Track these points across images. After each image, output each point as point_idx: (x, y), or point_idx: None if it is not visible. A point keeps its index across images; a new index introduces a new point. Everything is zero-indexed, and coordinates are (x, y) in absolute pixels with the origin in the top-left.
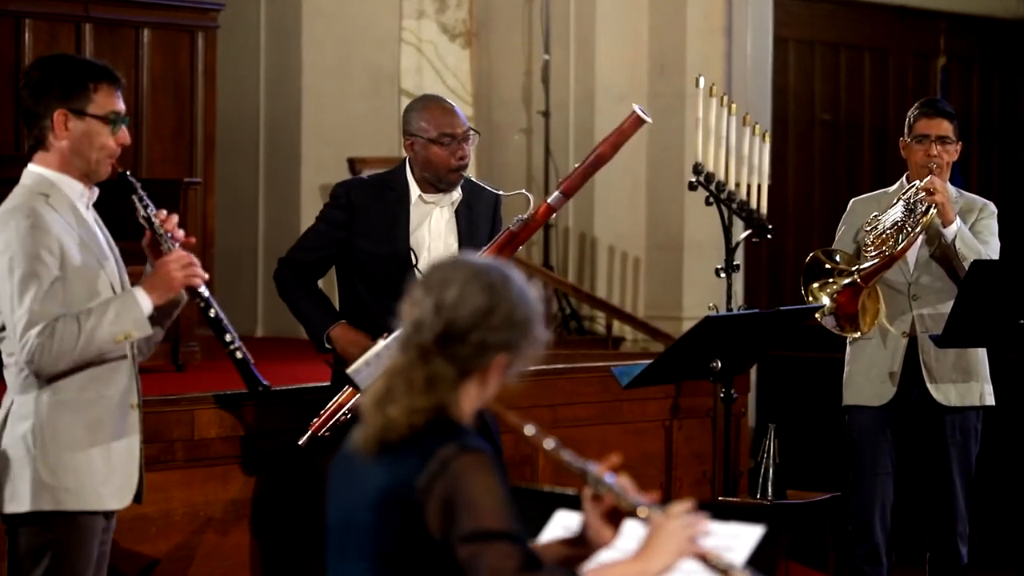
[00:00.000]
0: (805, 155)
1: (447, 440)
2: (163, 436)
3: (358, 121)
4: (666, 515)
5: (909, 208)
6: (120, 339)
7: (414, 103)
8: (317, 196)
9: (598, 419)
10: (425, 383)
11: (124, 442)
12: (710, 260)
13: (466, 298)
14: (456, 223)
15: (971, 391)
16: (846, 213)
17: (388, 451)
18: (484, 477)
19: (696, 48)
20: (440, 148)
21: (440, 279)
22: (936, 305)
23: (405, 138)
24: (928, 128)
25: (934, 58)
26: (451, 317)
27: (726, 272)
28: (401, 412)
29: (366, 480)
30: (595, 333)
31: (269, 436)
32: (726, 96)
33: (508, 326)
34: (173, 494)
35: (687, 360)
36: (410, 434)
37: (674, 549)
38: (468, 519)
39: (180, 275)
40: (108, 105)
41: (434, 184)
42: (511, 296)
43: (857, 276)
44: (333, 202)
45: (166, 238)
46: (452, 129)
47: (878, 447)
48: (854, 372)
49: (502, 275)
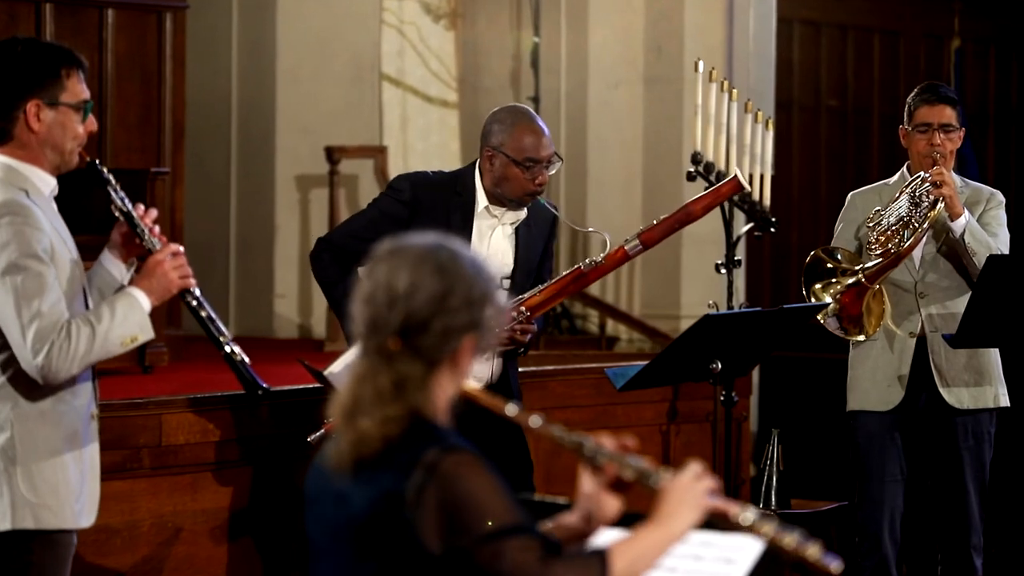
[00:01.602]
0: (811, 143)
1: (427, 445)
2: (128, 442)
3: (337, 108)
4: (675, 476)
5: (914, 202)
6: (127, 342)
7: (502, 114)
8: (292, 187)
9: (591, 423)
10: (394, 388)
11: (91, 455)
12: (710, 255)
13: (419, 285)
14: (515, 241)
15: (984, 393)
16: (845, 208)
17: (365, 467)
18: (477, 475)
19: (695, 30)
20: (521, 171)
21: (387, 270)
22: (945, 303)
23: (484, 148)
24: (930, 116)
25: (948, 40)
26: (408, 309)
27: (727, 268)
28: (373, 424)
29: (346, 500)
30: (588, 333)
31: (242, 442)
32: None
33: (469, 305)
34: (139, 504)
35: (685, 361)
36: (385, 446)
37: (692, 506)
38: (476, 521)
39: (176, 277)
40: (79, 92)
41: (503, 200)
42: (465, 273)
43: (862, 276)
44: (393, 194)
45: (149, 235)
46: (537, 154)
47: (886, 453)
48: (859, 376)
49: (450, 252)
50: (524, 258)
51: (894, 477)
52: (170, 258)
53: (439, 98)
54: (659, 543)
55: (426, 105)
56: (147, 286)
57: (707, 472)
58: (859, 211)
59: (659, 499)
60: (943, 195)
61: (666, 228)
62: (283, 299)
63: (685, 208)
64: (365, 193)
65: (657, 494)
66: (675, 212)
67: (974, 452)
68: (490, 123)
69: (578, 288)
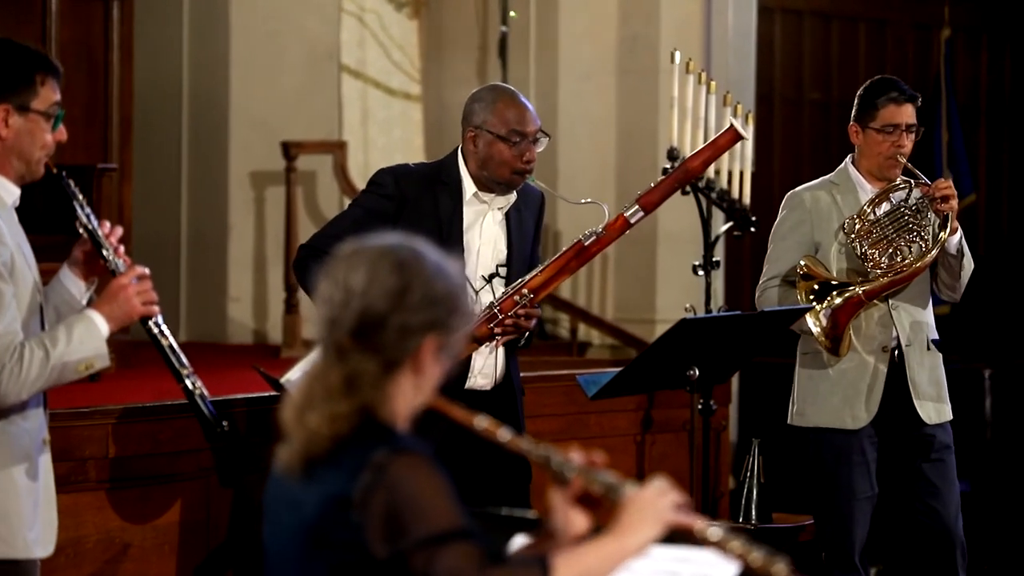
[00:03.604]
0: (793, 138)
1: (377, 445)
2: (73, 454)
3: (293, 100)
4: (640, 488)
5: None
6: (82, 369)
7: (482, 92)
8: (247, 184)
9: (562, 434)
10: (344, 384)
11: (45, 482)
12: (687, 256)
13: (376, 281)
14: (507, 226)
15: (945, 408)
16: (792, 207)
17: (315, 467)
18: (426, 477)
19: (671, 19)
20: (507, 147)
21: (345, 267)
22: (915, 315)
23: (466, 129)
24: (898, 116)
25: (937, 29)
26: (364, 304)
27: (704, 269)
28: (321, 421)
29: (296, 504)
30: (558, 338)
31: (195, 453)
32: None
33: (429, 303)
34: (85, 518)
35: (661, 368)
36: (335, 445)
37: (651, 521)
38: (417, 525)
39: (139, 303)
40: (51, 98)
41: (491, 184)
42: (425, 271)
43: (859, 290)
44: (377, 189)
45: (114, 255)
46: (523, 127)
47: (857, 470)
48: (825, 391)
49: (412, 251)
50: (518, 243)
51: (864, 494)
52: (135, 282)
53: (402, 90)
54: (611, 555)
55: (388, 98)
56: (108, 311)
57: (673, 487)
58: (810, 211)
59: (619, 511)
60: (951, 210)
61: (665, 189)
62: (237, 303)
63: (683, 165)
64: (323, 190)
65: (618, 506)
66: (673, 171)
67: (949, 465)
68: (470, 103)
69: (581, 263)
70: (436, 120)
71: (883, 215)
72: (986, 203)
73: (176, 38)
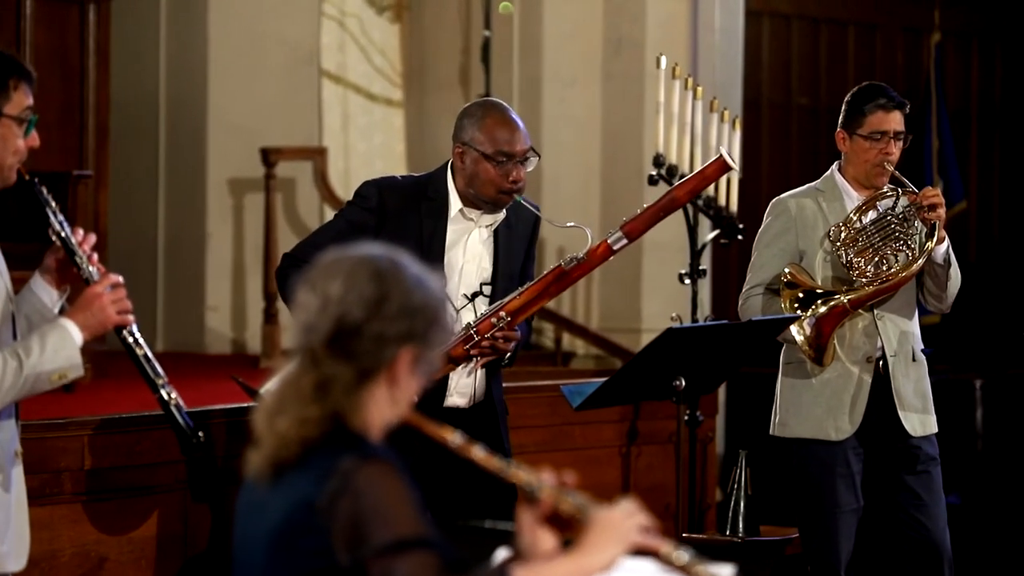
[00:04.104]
0: (781, 144)
1: (345, 452)
2: (48, 465)
3: (272, 106)
4: (607, 509)
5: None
6: (55, 379)
7: (473, 108)
8: (225, 191)
9: (546, 446)
10: (315, 389)
11: (16, 495)
12: (673, 264)
13: (353, 288)
14: (494, 243)
15: (930, 419)
16: (776, 215)
17: (284, 472)
18: (390, 485)
19: (657, 23)
20: (493, 166)
21: (323, 275)
22: (900, 325)
23: (455, 145)
24: (887, 124)
25: (927, 34)
26: (340, 311)
27: (691, 278)
28: (290, 424)
29: (264, 509)
30: (542, 347)
31: (172, 465)
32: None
33: (406, 314)
34: (60, 532)
35: (647, 378)
36: (303, 449)
37: (615, 541)
38: (378, 532)
39: (114, 312)
40: (23, 103)
41: (477, 202)
42: (404, 281)
43: (844, 299)
44: (360, 202)
45: (87, 264)
46: (511, 148)
47: (842, 482)
48: (807, 402)
49: (392, 262)
50: (504, 262)
51: (849, 506)
52: (109, 291)
53: (383, 96)
54: (572, 573)
55: (369, 103)
56: (81, 320)
57: (641, 509)
58: (795, 218)
59: (585, 530)
60: (938, 218)
61: (650, 217)
62: (215, 312)
63: (670, 194)
64: (303, 197)
65: (584, 525)
66: (659, 199)
67: (935, 477)
68: (461, 118)
69: (561, 288)
70: (418, 126)
71: (869, 223)
72: (977, 210)
73: (153, 42)
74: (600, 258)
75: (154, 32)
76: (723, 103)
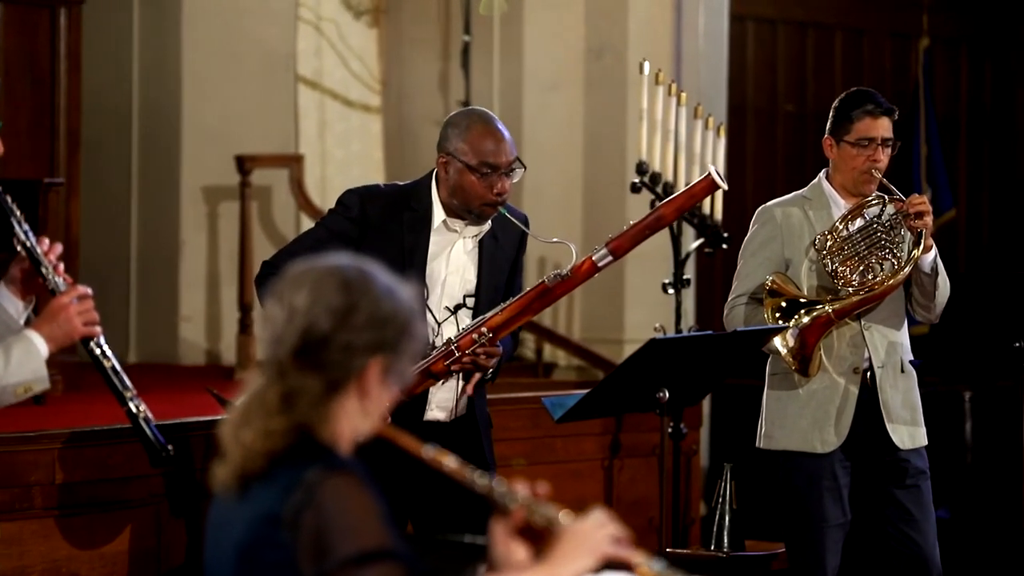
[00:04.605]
0: (767, 152)
1: (311, 464)
2: (18, 479)
3: (247, 112)
4: (578, 520)
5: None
6: (20, 392)
7: (458, 117)
8: (199, 199)
9: (527, 458)
10: (280, 401)
11: None
12: (656, 274)
13: (320, 299)
14: (479, 255)
15: (920, 431)
16: (762, 223)
17: (250, 485)
18: (355, 497)
19: (640, 28)
20: (477, 178)
21: (290, 286)
22: (887, 335)
23: (439, 155)
24: (874, 130)
25: (916, 39)
26: (306, 322)
27: (675, 288)
28: (255, 436)
29: (231, 523)
30: (523, 358)
31: (144, 479)
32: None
33: (376, 324)
34: (29, 547)
35: (629, 390)
36: (269, 462)
37: (586, 551)
38: (342, 544)
39: (81, 323)
40: None
41: (461, 213)
42: (373, 291)
43: (829, 309)
44: (342, 211)
45: (53, 274)
46: (495, 159)
47: (828, 496)
48: (793, 414)
49: (360, 271)
50: (489, 274)
51: (836, 520)
52: (76, 302)
53: (360, 102)
54: None
55: (346, 109)
56: (48, 331)
57: (613, 519)
58: (781, 227)
59: (554, 541)
60: (925, 227)
61: (636, 235)
62: (189, 323)
63: (656, 212)
64: (279, 205)
65: (554, 537)
66: (645, 217)
67: (924, 491)
68: (445, 127)
69: (544, 305)
70: (396, 133)
71: (855, 231)
72: (966, 219)
73: (126, 48)
74: (584, 275)
75: (127, 37)
76: (707, 109)
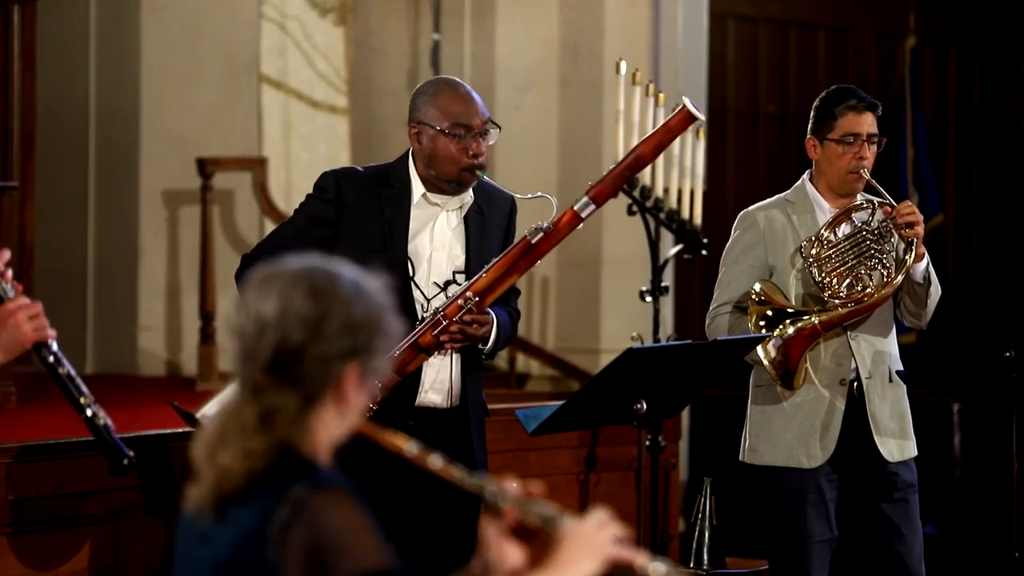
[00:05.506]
0: (747, 155)
1: (295, 480)
2: None
3: (209, 114)
4: (578, 522)
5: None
6: None
7: (425, 86)
8: (159, 204)
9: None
10: (259, 421)
11: None
12: (633, 280)
13: (290, 309)
14: (465, 230)
15: (909, 444)
16: (745, 228)
17: (228, 506)
18: (347, 513)
19: (616, 26)
20: (451, 141)
21: (256, 296)
22: (875, 345)
23: (410, 126)
24: (859, 125)
25: (902, 38)
26: (278, 336)
27: (652, 295)
28: (234, 458)
29: (210, 540)
30: (495, 368)
31: (104, 494)
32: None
33: (349, 330)
34: None
35: (606, 401)
36: (249, 481)
37: (589, 555)
38: (342, 564)
39: (30, 329)
40: None
41: (440, 184)
42: (343, 295)
43: (816, 320)
44: (318, 194)
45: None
46: (467, 120)
47: (814, 511)
48: (778, 428)
49: (327, 274)
50: (477, 248)
51: (822, 536)
52: (24, 308)
53: (326, 103)
54: None
55: (312, 111)
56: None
57: (613, 520)
58: (764, 232)
59: (556, 545)
60: (916, 236)
61: (616, 178)
62: (149, 332)
63: (635, 151)
64: (242, 210)
65: (555, 540)
66: (624, 158)
67: (912, 505)
68: (413, 98)
69: (530, 263)
70: (364, 134)
71: (843, 239)
72: (955, 224)
73: (82, 46)
74: (567, 227)
75: (84, 34)
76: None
